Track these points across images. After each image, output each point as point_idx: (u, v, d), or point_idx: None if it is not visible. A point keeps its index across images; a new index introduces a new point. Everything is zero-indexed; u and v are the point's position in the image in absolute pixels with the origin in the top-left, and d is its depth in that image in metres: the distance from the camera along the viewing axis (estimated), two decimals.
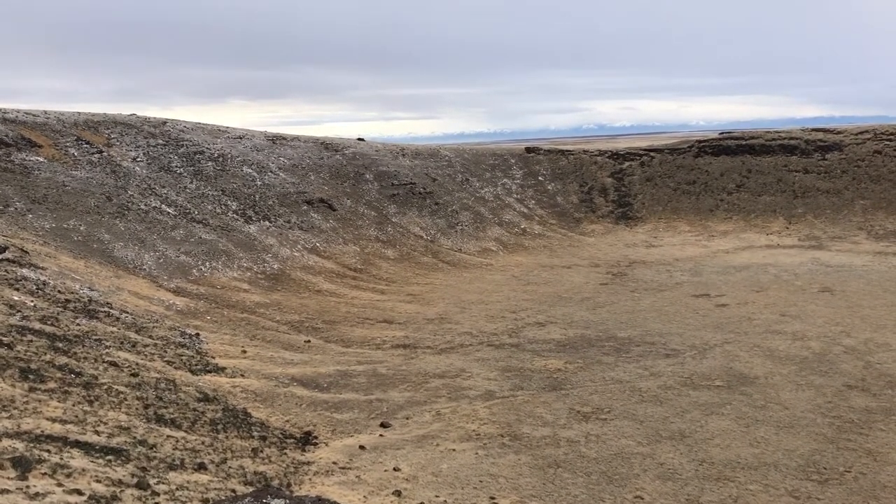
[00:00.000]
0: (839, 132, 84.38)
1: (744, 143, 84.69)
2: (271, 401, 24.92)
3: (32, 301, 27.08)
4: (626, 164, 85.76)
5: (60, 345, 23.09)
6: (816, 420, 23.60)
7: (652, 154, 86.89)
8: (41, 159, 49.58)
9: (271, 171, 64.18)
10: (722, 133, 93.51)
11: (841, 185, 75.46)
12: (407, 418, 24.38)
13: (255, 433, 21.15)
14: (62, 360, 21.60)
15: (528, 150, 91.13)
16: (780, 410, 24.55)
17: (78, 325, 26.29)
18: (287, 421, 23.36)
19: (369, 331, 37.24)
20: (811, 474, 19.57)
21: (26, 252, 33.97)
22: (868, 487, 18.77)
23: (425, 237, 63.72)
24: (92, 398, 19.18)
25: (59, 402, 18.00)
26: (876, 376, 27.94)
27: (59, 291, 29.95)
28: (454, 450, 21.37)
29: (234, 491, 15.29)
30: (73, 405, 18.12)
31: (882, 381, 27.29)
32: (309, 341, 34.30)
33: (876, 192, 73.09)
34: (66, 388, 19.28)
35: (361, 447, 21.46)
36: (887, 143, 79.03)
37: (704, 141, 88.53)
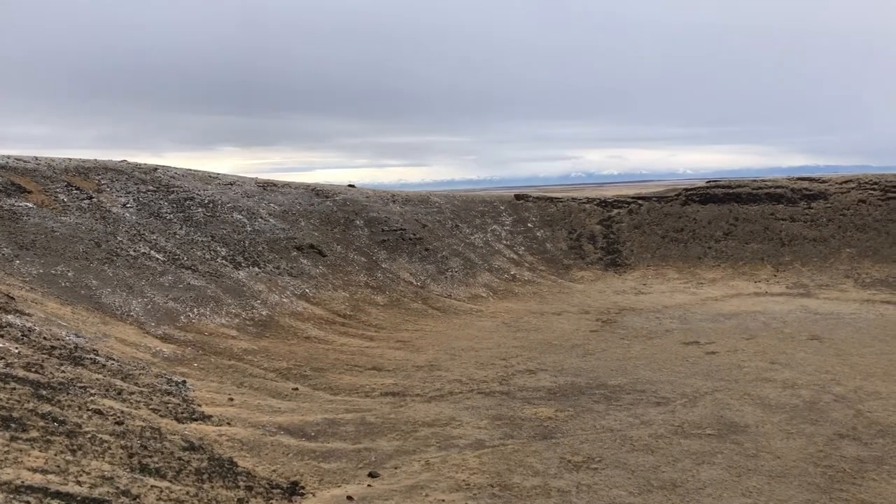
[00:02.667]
0: (824, 181, 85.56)
1: (731, 191, 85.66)
2: (258, 450, 24.54)
3: (17, 348, 26.75)
4: (615, 211, 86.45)
5: (44, 392, 22.74)
6: (808, 469, 23.42)
7: (640, 202, 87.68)
8: (30, 205, 49.50)
9: (261, 218, 64.26)
10: (709, 181, 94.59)
11: (827, 234, 76.20)
12: (396, 468, 24.03)
13: (241, 483, 20.77)
14: (45, 408, 21.26)
15: (518, 197, 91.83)
16: (771, 459, 24.36)
17: (63, 372, 25.94)
18: (274, 470, 22.98)
19: (358, 378, 36.91)
20: None
21: (12, 298, 33.68)
22: None
23: (415, 283, 63.65)
24: (75, 447, 18.83)
25: (40, 451, 17.65)
26: (866, 425, 27.83)
27: (44, 338, 29.62)
28: (444, 500, 21.03)
29: None
30: (56, 454, 17.78)
31: (873, 430, 27.18)
32: (297, 389, 33.94)
33: (862, 241, 73.81)
34: (48, 436, 18.94)
35: (349, 497, 21.09)
36: (871, 192, 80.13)
37: (692, 189, 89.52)
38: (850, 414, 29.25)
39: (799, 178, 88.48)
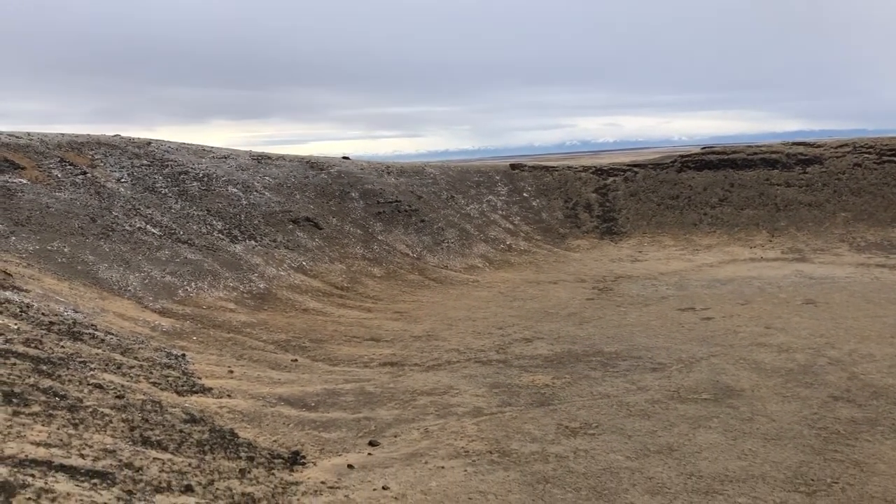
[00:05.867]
0: (819, 146, 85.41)
1: (726, 157, 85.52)
2: (258, 421, 24.76)
3: (16, 324, 26.83)
4: (610, 179, 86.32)
5: (44, 367, 22.87)
6: (803, 432, 23.72)
7: (635, 169, 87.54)
8: (24, 181, 49.28)
9: (256, 191, 64.08)
10: (704, 148, 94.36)
11: (822, 198, 76.29)
12: (395, 436, 24.29)
13: (242, 454, 20.99)
14: (46, 382, 21.39)
15: (513, 166, 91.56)
16: (766, 423, 24.66)
17: (62, 347, 26.06)
18: (275, 441, 23.21)
19: (356, 349, 37.13)
20: (799, 486, 19.64)
21: (9, 275, 33.68)
22: (856, 498, 18.86)
23: (411, 255, 63.72)
24: (77, 421, 18.98)
25: (43, 425, 17.81)
26: (861, 387, 28.15)
27: (42, 314, 29.69)
28: (443, 467, 21.30)
29: None
30: (58, 428, 17.93)
31: (867, 392, 27.49)
32: (296, 360, 34.15)
33: (857, 205, 73.94)
34: (50, 411, 19.09)
35: (350, 466, 21.34)
36: (866, 155, 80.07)
37: (687, 156, 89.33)
38: (844, 376, 29.56)
39: (794, 143, 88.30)
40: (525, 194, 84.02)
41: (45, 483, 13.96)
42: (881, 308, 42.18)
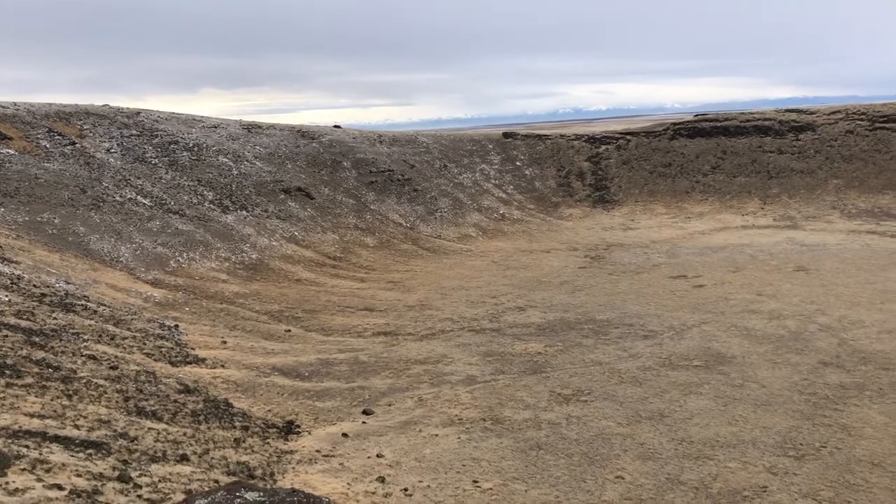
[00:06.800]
0: (812, 112, 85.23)
1: (718, 125, 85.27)
2: (252, 391, 24.87)
3: (7, 296, 26.74)
4: (603, 147, 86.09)
5: (37, 339, 22.85)
6: (793, 397, 23.97)
7: (628, 137, 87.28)
8: (12, 152, 48.82)
9: (247, 161, 63.68)
10: (697, 115, 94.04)
11: (814, 165, 76.32)
12: (389, 405, 24.44)
13: (237, 423, 21.11)
14: (39, 354, 21.39)
15: (506, 135, 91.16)
16: (757, 388, 24.90)
17: (54, 318, 26.02)
18: (269, 410, 23.34)
19: (350, 319, 37.21)
20: (788, 450, 19.90)
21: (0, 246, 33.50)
22: (843, 462, 19.13)
23: (404, 224, 63.64)
24: (71, 392, 19.02)
25: (36, 396, 17.83)
26: (850, 353, 28.40)
27: (34, 285, 29.60)
28: (437, 435, 21.48)
29: (216, 481, 15.27)
30: (52, 400, 17.97)
31: (856, 358, 27.76)
32: (289, 330, 34.21)
33: (848, 172, 74.02)
34: (43, 382, 19.10)
35: (344, 435, 21.50)
36: (858, 122, 79.97)
37: (679, 123, 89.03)
38: (833, 343, 29.81)
39: (787, 110, 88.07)
40: (518, 163, 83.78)
41: (40, 454, 14.01)
42: (871, 275, 42.44)
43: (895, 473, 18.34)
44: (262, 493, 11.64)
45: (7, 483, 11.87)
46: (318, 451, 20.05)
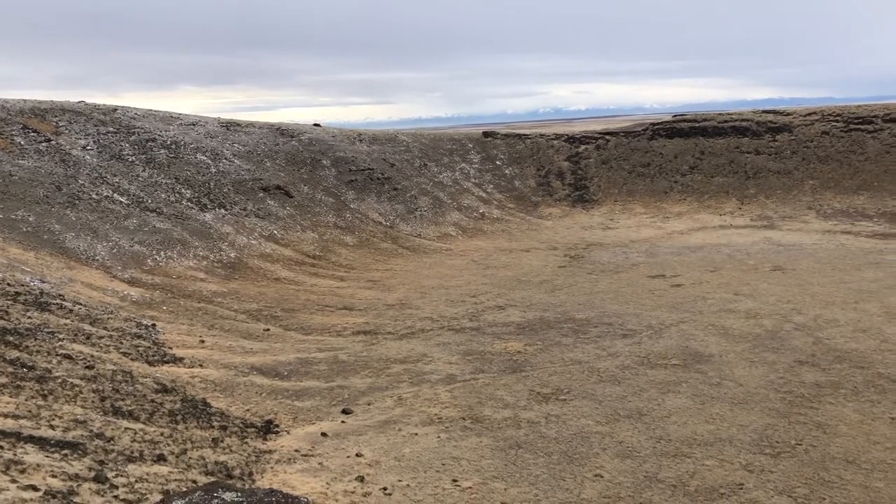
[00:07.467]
0: (788, 114, 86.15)
1: (697, 125, 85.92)
2: (231, 390, 24.71)
3: None
4: (582, 147, 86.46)
5: (11, 338, 22.55)
6: (769, 395, 24.22)
7: (607, 137, 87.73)
8: None
9: (226, 158, 63.24)
10: (675, 116, 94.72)
11: (791, 166, 77.15)
12: (369, 404, 24.39)
13: (215, 423, 20.95)
14: (13, 353, 21.11)
15: (486, 134, 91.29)
16: (734, 387, 25.14)
17: (29, 318, 25.68)
18: (247, 410, 23.19)
19: (329, 318, 37.08)
20: (764, 448, 20.11)
21: None
22: (818, 459, 19.36)
23: (384, 223, 63.53)
24: (46, 392, 18.79)
25: (11, 396, 17.60)
26: (825, 351, 28.75)
27: (8, 284, 29.20)
28: (416, 434, 21.46)
29: (194, 482, 15.16)
30: (27, 400, 17.74)
31: (831, 356, 28.10)
32: (268, 330, 34.03)
33: (824, 172, 74.91)
34: (18, 382, 18.86)
35: (323, 434, 21.42)
36: (834, 123, 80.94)
37: (658, 124, 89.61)
38: (809, 341, 30.16)
39: (764, 111, 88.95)
40: (498, 162, 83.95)
41: (15, 454, 13.83)
42: (846, 274, 43.00)
43: (869, 470, 18.59)
44: (240, 493, 11.57)
45: None
46: (297, 450, 19.96)
